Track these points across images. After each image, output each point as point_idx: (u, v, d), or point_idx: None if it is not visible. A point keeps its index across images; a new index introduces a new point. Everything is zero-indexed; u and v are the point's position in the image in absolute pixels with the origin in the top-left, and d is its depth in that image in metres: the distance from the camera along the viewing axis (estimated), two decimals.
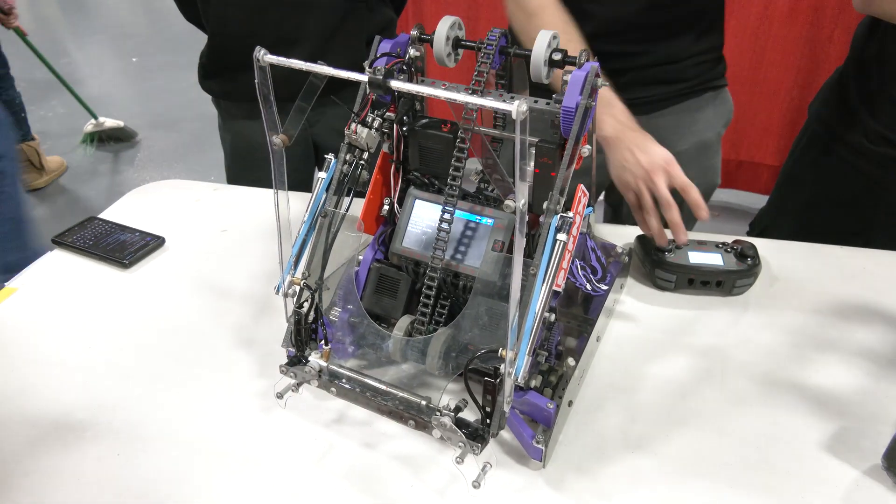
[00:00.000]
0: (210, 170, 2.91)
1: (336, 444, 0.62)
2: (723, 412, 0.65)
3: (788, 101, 2.23)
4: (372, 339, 0.64)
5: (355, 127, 0.61)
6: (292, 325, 0.60)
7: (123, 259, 0.88)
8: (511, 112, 0.40)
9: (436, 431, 0.54)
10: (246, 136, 1.17)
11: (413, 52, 0.66)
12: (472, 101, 0.46)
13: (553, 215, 0.56)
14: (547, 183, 0.60)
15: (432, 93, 0.48)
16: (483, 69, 0.62)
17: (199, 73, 1.16)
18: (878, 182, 0.98)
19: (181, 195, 1.06)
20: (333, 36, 1.06)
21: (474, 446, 0.53)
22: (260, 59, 0.53)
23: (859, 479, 0.58)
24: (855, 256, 0.88)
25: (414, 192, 0.67)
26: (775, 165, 2.37)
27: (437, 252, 0.63)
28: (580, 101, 0.57)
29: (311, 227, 0.64)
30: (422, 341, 0.62)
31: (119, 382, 0.69)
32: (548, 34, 0.61)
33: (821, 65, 2.13)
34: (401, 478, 0.59)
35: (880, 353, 0.73)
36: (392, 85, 0.51)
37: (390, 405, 0.57)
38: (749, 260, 0.79)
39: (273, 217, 0.98)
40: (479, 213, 0.65)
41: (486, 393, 0.53)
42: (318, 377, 0.59)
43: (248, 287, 0.83)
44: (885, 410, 0.65)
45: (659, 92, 1.02)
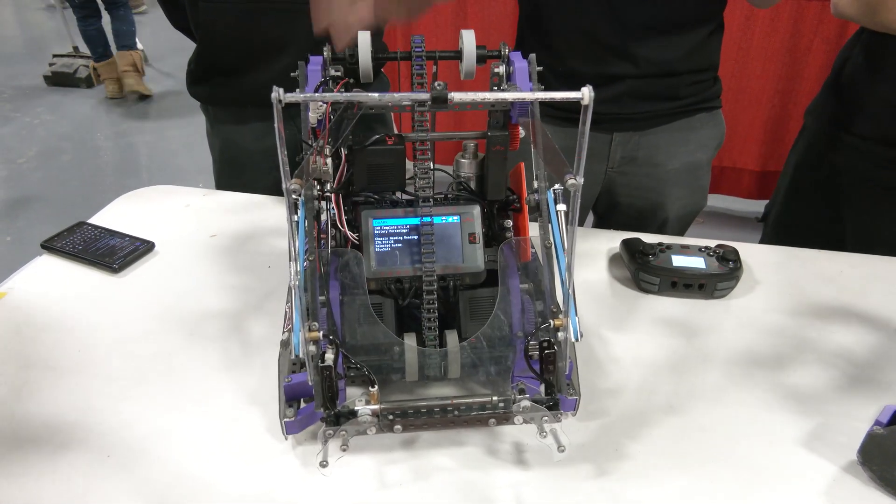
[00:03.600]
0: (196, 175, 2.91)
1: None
2: (704, 410, 0.67)
3: (770, 109, 2.28)
4: (393, 365, 0.61)
5: (323, 159, 0.59)
6: (320, 385, 0.54)
7: (113, 264, 0.88)
8: (583, 98, 0.45)
9: (517, 418, 0.56)
10: (234, 141, 1.17)
11: (333, 71, 0.66)
12: (538, 96, 0.48)
13: (545, 192, 0.61)
14: (501, 168, 0.66)
15: (478, 98, 0.49)
16: (422, 78, 0.63)
17: (188, 78, 1.17)
18: (842, 171, 1.01)
19: (170, 200, 1.06)
20: (322, 41, 1.07)
21: (556, 415, 0.56)
22: (281, 98, 0.47)
23: (837, 473, 0.60)
24: (833, 260, 0.91)
25: (367, 213, 0.64)
26: (757, 171, 2.42)
27: (427, 261, 0.63)
28: (533, 87, 0.62)
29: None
30: (444, 351, 0.61)
31: (109, 386, 0.70)
32: (470, 33, 0.64)
33: (801, 73, 2.18)
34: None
35: (856, 352, 0.75)
36: (454, 98, 0.48)
37: (468, 415, 0.56)
38: (731, 263, 0.81)
39: (264, 222, 0.99)
40: (441, 214, 0.65)
41: (547, 363, 0.56)
42: (378, 423, 0.56)
43: (240, 292, 0.84)
44: (860, 408, 0.67)
45: (653, 108, 1.02)
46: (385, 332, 0.60)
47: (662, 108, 1.03)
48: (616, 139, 1.05)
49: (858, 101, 1.00)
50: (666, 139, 1.05)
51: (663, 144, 1.06)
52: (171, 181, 1.14)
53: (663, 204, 1.11)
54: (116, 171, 3.11)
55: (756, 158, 2.40)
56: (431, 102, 0.48)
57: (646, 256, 0.82)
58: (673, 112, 1.04)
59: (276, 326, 0.77)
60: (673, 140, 1.06)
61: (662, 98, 1.02)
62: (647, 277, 0.82)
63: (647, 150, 1.06)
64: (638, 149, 1.06)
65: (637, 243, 0.85)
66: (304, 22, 1.05)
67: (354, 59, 0.62)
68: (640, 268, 0.82)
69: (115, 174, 3.07)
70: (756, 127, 2.32)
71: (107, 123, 3.58)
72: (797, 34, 2.13)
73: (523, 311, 0.63)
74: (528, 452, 0.62)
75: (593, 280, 0.86)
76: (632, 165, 1.07)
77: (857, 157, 0.99)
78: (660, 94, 1.02)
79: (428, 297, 0.62)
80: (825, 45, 2.11)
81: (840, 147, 1.02)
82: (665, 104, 1.03)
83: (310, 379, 0.54)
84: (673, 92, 1.02)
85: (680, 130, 1.06)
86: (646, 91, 1.01)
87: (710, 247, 0.85)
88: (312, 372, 0.54)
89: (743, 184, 2.45)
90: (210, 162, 1.25)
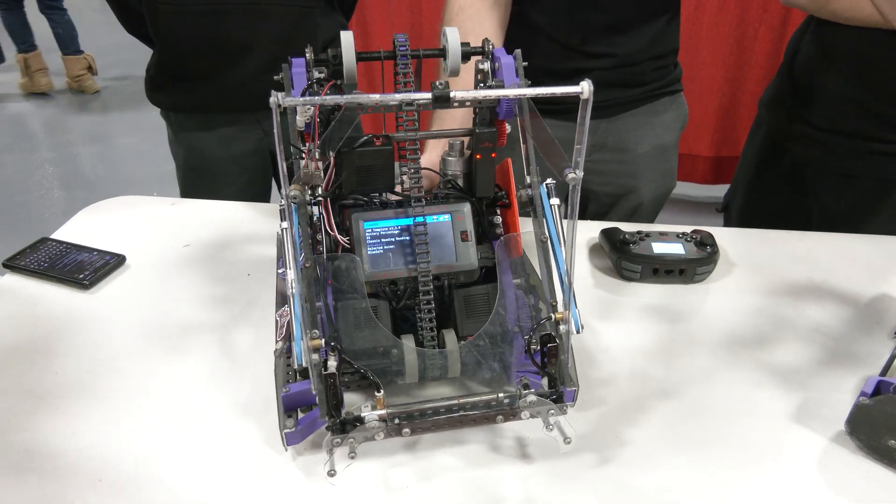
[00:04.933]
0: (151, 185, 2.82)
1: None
2: (696, 393, 0.68)
3: (720, 97, 2.35)
4: (393, 368, 0.60)
5: (315, 163, 0.57)
6: (325, 393, 0.53)
7: (83, 280, 0.85)
8: (582, 92, 0.46)
9: (524, 413, 0.57)
10: (199, 148, 1.14)
11: (317, 73, 0.64)
12: (539, 91, 0.48)
13: (538, 187, 0.62)
14: (489, 165, 0.66)
15: (479, 95, 0.49)
16: (408, 77, 0.63)
17: (147, 85, 1.13)
18: (803, 161, 1.04)
19: (137, 211, 1.03)
20: (289, 42, 1.05)
21: (562, 408, 0.57)
22: (280, 102, 0.44)
23: (827, 445, 0.62)
24: (801, 240, 0.94)
25: (357, 216, 0.63)
26: (710, 156, 2.49)
27: (422, 261, 0.62)
28: (520, 82, 0.62)
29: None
30: (446, 352, 0.61)
31: (94, 408, 0.67)
32: (454, 30, 0.64)
33: (748, 61, 2.26)
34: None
35: (832, 327, 0.78)
36: (456, 96, 0.48)
37: (476, 414, 0.56)
38: (708, 248, 0.83)
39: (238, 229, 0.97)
40: (432, 213, 0.65)
41: (550, 357, 0.57)
42: (386, 427, 0.55)
43: (221, 302, 0.82)
44: (841, 380, 0.70)
45: (620, 95, 1.05)
46: (386, 335, 0.59)
47: (628, 95, 1.06)
48: None
49: (814, 92, 1.03)
50: (633, 124, 1.08)
51: (631, 129, 1.08)
52: (124, 192, 1.10)
53: (636, 187, 1.13)
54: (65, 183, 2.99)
55: (709, 145, 2.47)
56: (434, 101, 0.48)
57: (626, 245, 0.84)
58: (639, 98, 1.07)
59: (262, 335, 0.75)
60: (640, 124, 1.09)
61: (628, 85, 1.05)
62: (629, 266, 0.83)
63: (617, 136, 1.09)
64: (607, 136, 1.08)
65: (617, 232, 0.86)
66: (269, 23, 1.04)
67: (338, 61, 0.61)
68: (622, 256, 0.84)
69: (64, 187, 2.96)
70: (709, 114, 2.38)
71: (48, 133, 3.45)
72: (743, 23, 2.20)
73: (518, 307, 0.63)
74: (531, 446, 0.62)
75: (575, 271, 0.87)
76: (603, 153, 1.10)
77: (819, 147, 1.02)
78: (625, 81, 1.05)
79: (424, 298, 0.62)
80: (770, 32, 2.19)
81: (800, 138, 1.05)
82: (631, 91, 1.06)
83: (313, 387, 0.53)
84: (638, 79, 1.05)
85: (646, 115, 1.09)
86: (611, 80, 1.03)
87: (686, 233, 0.87)
88: (316, 380, 0.53)
89: (698, 170, 2.51)
90: (166, 170, 1.22)
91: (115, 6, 1.08)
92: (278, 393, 0.58)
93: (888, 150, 0.97)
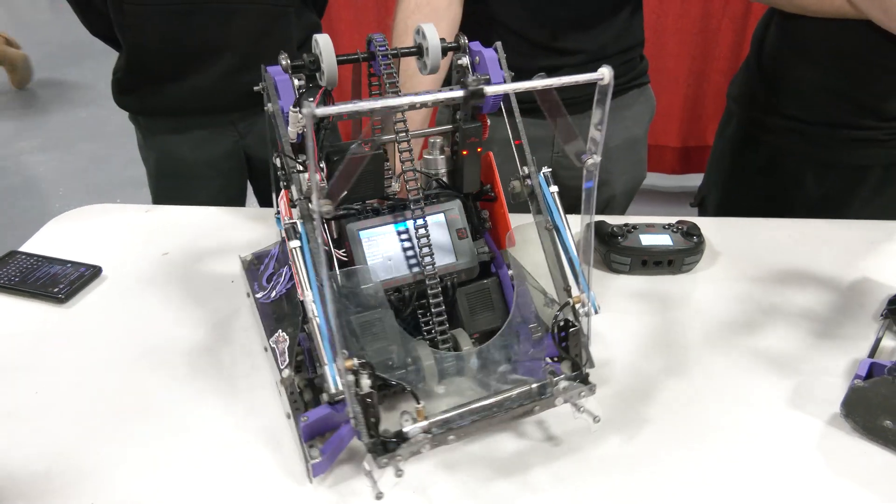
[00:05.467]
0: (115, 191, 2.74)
1: None
2: (689, 384, 0.69)
3: (686, 88, 2.38)
4: (416, 376, 0.59)
5: (320, 175, 0.55)
6: (363, 414, 0.51)
7: (59, 294, 0.81)
8: (602, 77, 0.49)
9: (559, 399, 0.57)
10: (171, 152, 1.11)
11: (296, 81, 0.62)
12: (562, 81, 0.49)
13: (537, 177, 0.63)
14: (476, 160, 0.66)
15: (509, 88, 0.49)
16: (393, 77, 0.62)
17: (114, 88, 1.09)
18: (782, 152, 1.06)
19: (110, 220, 0.99)
20: (262, 41, 1.03)
21: (591, 388, 0.57)
22: (315, 112, 0.41)
23: (823, 428, 0.63)
24: (781, 227, 0.96)
25: (353, 226, 0.62)
26: (678, 147, 2.52)
27: (428, 263, 0.62)
28: (505, 75, 0.62)
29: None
30: (471, 351, 0.60)
31: (80, 428, 0.64)
32: (431, 27, 0.63)
33: (712, 52, 2.29)
34: None
35: (817, 311, 0.79)
36: (488, 90, 0.47)
37: (514, 408, 0.56)
38: (695, 238, 0.84)
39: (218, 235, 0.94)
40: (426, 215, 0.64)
41: (571, 340, 0.59)
42: (432, 438, 0.53)
43: (205, 311, 0.79)
44: (831, 363, 0.71)
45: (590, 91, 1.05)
46: (411, 343, 0.58)
47: None
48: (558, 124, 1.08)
49: (788, 84, 1.04)
50: None
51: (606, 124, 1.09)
52: (87, 200, 1.06)
53: (608, 181, 1.14)
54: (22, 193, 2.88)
55: (676, 136, 2.50)
56: (470, 97, 0.47)
57: (615, 238, 0.84)
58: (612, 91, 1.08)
59: (251, 346, 0.73)
60: (610, 118, 1.09)
61: None
62: (618, 258, 0.84)
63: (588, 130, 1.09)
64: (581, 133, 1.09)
65: (604, 226, 0.86)
66: (242, 22, 1.01)
67: (316, 65, 0.59)
68: (611, 249, 0.84)
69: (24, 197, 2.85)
70: (675, 105, 2.42)
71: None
72: (707, 15, 2.23)
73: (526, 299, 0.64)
74: (553, 429, 0.63)
75: None
76: None
77: (798, 138, 1.04)
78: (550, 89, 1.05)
79: (434, 301, 0.61)
80: (733, 24, 2.23)
81: (778, 130, 1.06)
82: None
83: (349, 410, 0.50)
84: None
85: (616, 109, 1.10)
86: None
87: (671, 223, 0.88)
88: (353, 402, 0.50)
89: (667, 160, 2.55)
90: (127, 176, 1.19)
91: (76, 6, 1.04)
92: (297, 424, 0.55)
93: (866, 137, 0.99)
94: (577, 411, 0.58)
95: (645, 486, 0.58)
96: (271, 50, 1.04)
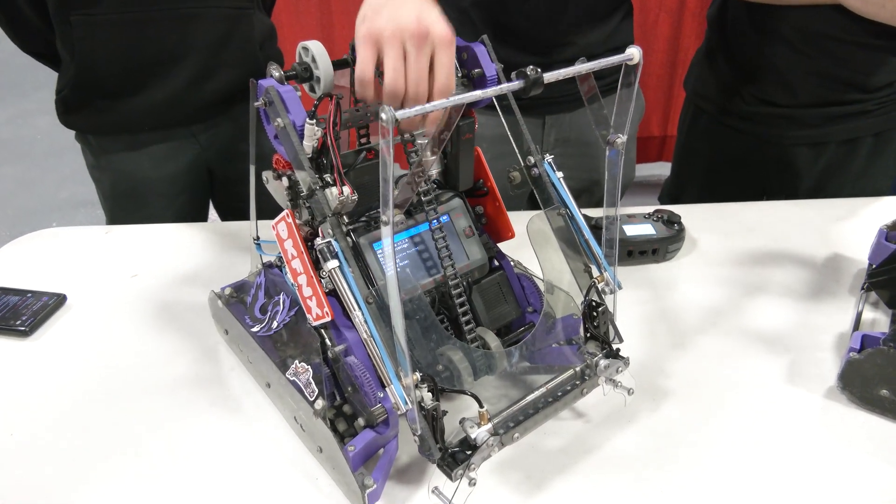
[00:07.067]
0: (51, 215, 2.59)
1: None
2: (687, 372, 0.70)
3: None
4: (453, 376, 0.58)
5: (351, 189, 0.52)
6: (430, 429, 0.50)
7: (21, 326, 0.75)
8: (633, 57, 0.51)
9: (601, 378, 0.59)
10: (128, 171, 1.04)
11: None
12: (594, 66, 0.50)
13: (542, 164, 0.64)
14: (470, 156, 0.66)
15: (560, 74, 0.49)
16: None
17: (59, 107, 1.02)
18: (761, 138, 1.09)
19: (67, 243, 0.93)
20: (224, 46, 0.98)
21: (625, 361, 0.59)
22: (397, 118, 0.40)
23: (821, 402, 0.65)
24: (751, 210, 0.99)
25: (364, 239, 0.59)
26: None
27: (447, 265, 0.61)
28: (497, 67, 0.62)
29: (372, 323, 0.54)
30: (512, 350, 0.61)
31: (67, 470, 0.59)
32: None
33: (652, 45, 2.36)
34: None
35: (798, 289, 0.82)
36: (547, 77, 0.48)
37: (569, 393, 0.57)
38: (675, 226, 0.86)
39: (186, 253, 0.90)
40: (430, 219, 0.62)
41: (600, 319, 0.60)
42: (500, 440, 0.52)
43: (184, 334, 0.75)
44: (818, 338, 0.74)
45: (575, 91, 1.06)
46: (459, 346, 0.58)
47: None
48: (548, 122, 1.08)
49: (763, 72, 1.05)
50: None
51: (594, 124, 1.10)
52: (20, 227, 0.99)
53: (598, 181, 1.15)
54: None
55: None
56: (533, 86, 0.48)
57: (599, 230, 0.84)
58: (599, 91, 1.08)
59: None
60: None
61: None
62: (607, 251, 0.84)
63: (578, 129, 1.10)
64: (570, 130, 1.09)
65: (587, 219, 0.86)
66: (200, 28, 0.96)
67: (309, 73, 0.57)
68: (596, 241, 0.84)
69: None
70: None
71: None
72: (644, 9, 2.29)
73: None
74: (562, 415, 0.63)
75: None
76: (566, 146, 1.11)
77: (786, 122, 1.05)
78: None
79: (459, 301, 0.60)
80: (670, 17, 2.29)
81: (758, 118, 1.08)
82: None
83: (418, 426, 0.49)
84: (598, 72, 1.06)
85: (607, 108, 1.10)
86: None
87: (651, 213, 0.89)
88: (420, 418, 0.49)
89: None
90: (67, 197, 1.11)
91: (6, 23, 0.97)
92: (345, 454, 0.52)
93: (857, 110, 1.02)
94: (615, 387, 0.59)
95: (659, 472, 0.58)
96: (233, 55, 1.01)
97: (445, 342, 0.57)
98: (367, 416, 0.53)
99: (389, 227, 0.40)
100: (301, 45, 0.57)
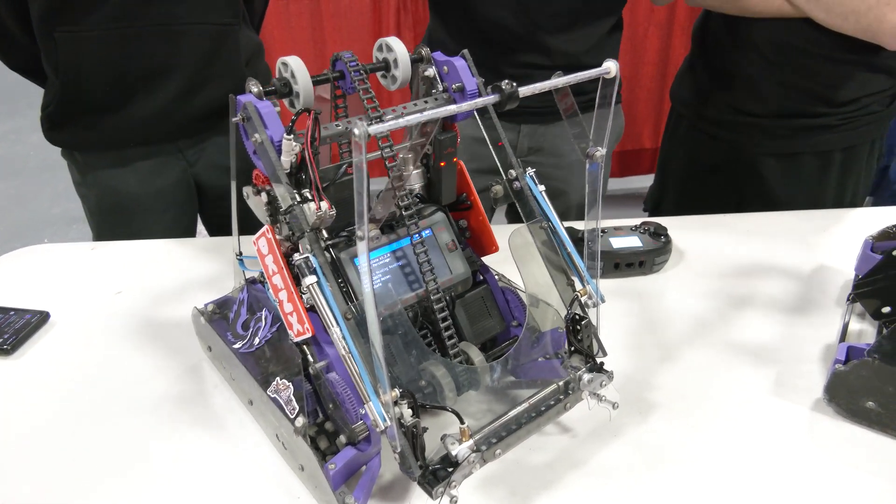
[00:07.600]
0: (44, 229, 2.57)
1: None
2: (674, 384, 0.69)
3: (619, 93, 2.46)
4: (435, 392, 0.58)
5: (329, 204, 0.52)
6: (410, 446, 0.49)
7: (3, 345, 0.75)
8: (610, 70, 0.51)
9: (584, 393, 0.58)
10: (115, 188, 1.04)
11: None
12: (569, 79, 0.50)
13: (524, 178, 0.64)
14: (453, 170, 0.66)
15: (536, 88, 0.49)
16: (369, 92, 0.60)
17: (45, 124, 1.02)
18: (734, 145, 1.10)
19: (52, 260, 0.93)
20: (210, 62, 0.98)
21: (609, 375, 0.59)
22: (368, 132, 0.40)
23: (809, 414, 0.65)
24: (736, 221, 0.99)
25: (345, 254, 0.58)
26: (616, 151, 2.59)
27: (429, 279, 0.60)
28: (477, 81, 0.62)
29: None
30: (494, 364, 0.60)
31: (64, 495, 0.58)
32: (396, 39, 0.63)
33: (642, 58, 2.38)
34: None
35: (783, 300, 0.82)
36: (523, 91, 0.49)
37: (552, 408, 0.56)
38: (662, 238, 0.86)
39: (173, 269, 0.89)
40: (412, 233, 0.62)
41: (583, 332, 0.60)
42: (481, 456, 0.51)
43: (171, 352, 0.75)
44: (805, 350, 0.73)
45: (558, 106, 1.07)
46: (441, 361, 0.57)
47: None
48: (523, 130, 1.10)
49: (737, 81, 1.07)
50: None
51: (566, 136, 1.10)
52: (12, 243, 0.99)
53: (566, 192, 1.16)
54: None
55: None
56: (508, 100, 0.48)
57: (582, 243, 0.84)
58: (578, 106, 1.09)
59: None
60: None
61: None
62: (589, 263, 0.84)
63: (552, 141, 1.11)
64: (544, 140, 1.10)
65: (574, 231, 0.87)
66: (187, 44, 0.96)
67: (288, 89, 0.57)
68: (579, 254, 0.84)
69: None
70: None
71: None
72: (634, 23, 2.31)
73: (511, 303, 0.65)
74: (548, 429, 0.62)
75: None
76: (538, 156, 1.12)
77: (760, 132, 1.07)
78: (566, 88, 1.06)
79: (441, 315, 0.60)
80: (659, 31, 2.32)
81: (732, 126, 1.09)
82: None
83: (398, 444, 0.48)
84: (579, 87, 1.06)
85: (587, 122, 1.11)
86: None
87: (637, 225, 0.89)
88: (400, 436, 0.48)
89: None
90: (60, 213, 1.11)
91: None
92: (325, 472, 0.52)
93: (822, 123, 1.04)
94: (599, 401, 0.59)
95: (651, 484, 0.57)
96: (220, 71, 1.01)
97: (427, 358, 0.57)
98: (349, 433, 0.53)
99: (365, 241, 0.40)
100: (280, 60, 0.57)
